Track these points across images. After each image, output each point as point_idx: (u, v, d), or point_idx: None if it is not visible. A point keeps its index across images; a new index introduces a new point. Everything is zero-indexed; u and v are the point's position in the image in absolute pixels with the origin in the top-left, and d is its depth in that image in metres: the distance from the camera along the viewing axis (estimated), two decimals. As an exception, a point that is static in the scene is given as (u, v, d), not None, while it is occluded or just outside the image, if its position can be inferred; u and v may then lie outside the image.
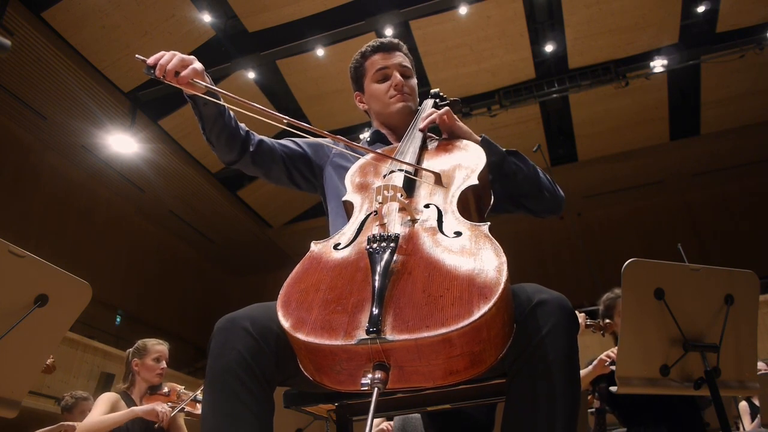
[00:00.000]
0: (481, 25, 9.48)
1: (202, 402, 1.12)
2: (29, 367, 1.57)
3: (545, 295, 1.10)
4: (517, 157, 1.56)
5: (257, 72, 10.13)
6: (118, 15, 8.76)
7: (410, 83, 1.77)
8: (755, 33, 9.49)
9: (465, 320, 0.91)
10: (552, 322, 1.06)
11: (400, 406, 1.35)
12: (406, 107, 1.72)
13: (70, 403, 4.08)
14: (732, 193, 13.33)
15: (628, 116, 11.31)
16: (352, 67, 1.86)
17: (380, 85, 1.75)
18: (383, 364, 0.92)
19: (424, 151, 1.54)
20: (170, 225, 13.64)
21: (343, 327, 0.96)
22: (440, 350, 0.92)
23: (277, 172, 1.68)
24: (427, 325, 0.92)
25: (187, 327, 13.62)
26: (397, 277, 1.03)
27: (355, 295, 1.02)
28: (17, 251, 1.47)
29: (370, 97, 1.78)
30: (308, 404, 1.32)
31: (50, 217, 10.71)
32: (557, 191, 1.61)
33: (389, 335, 0.92)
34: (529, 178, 1.54)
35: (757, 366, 1.93)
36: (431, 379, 0.96)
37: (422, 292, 0.98)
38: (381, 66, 1.75)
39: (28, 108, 9.72)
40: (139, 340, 3.30)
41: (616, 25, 9.55)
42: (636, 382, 1.76)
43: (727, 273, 1.86)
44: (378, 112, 1.78)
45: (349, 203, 1.38)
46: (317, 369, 1.01)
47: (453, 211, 1.22)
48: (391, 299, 0.98)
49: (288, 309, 1.03)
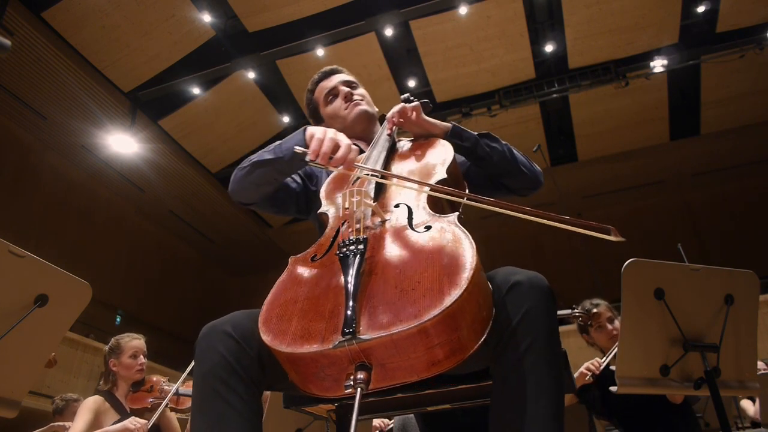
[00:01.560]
0: (481, 25, 9.48)
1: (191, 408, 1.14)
2: (29, 367, 1.57)
3: (519, 276, 1.11)
4: (490, 139, 1.58)
5: (257, 72, 10.13)
6: (118, 15, 8.76)
7: (359, 91, 1.84)
8: (755, 33, 9.49)
9: (437, 309, 0.92)
10: (529, 302, 1.07)
11: (400, 406, 1.35)
12: (362, 111, 1.78)
13: (61, 406, 4.06)
14: (732, 193, 13.33)
15: (628, 116, 11.31)
16: (307, 108, 1.95)
17: (333, 104, 1.83)
18: (365, 365, 0.93)
19: (394, 153, 1.57)
20: (170, 225, 13.64)
21: (321, 333, 0.98)
22: (418, 342, 0.93)
23: (288, 206, 1.70)
24: (400, 319, 0.93)
25: (187, 327, 13.60)
26: (369, 277, 1.05)
27: (331, 301, 1.04)
28: (17, 251, 1.47)
29: (330, 120, 1.84)
30: (308, 404, 1.32)
31: (50, 217, 10.71)
32: (534, 167, 1.62)
33: (365, 335, 0.93)
34: (504, 157, 1.57)
35: (757, 366, 1.93)
36: (415, 372, 0.97)
37: (394, 289, 1.00)
38: (327, 89, 1.85)
39: (28, 108, 9.72)
40: (113, 339, 3.18)
41: (616, 25, 9.55)
42: (636, 382, 1.76)
43: (727, 273, 1.86)
44: (342, 128, 1.82)
45: (324, 215, 1.40)
46: (303, 379, 1.03)
47: (424, 207, 1.24)
48: (364, 299, 1.00)
49: (269, 325, 1.05)
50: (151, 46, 9.36)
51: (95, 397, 3.04)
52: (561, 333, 1.14)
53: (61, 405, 4.07)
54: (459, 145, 1.55)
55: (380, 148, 1.55)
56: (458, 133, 1.56)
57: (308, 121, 1.93)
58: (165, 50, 9.51)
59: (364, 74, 10.06)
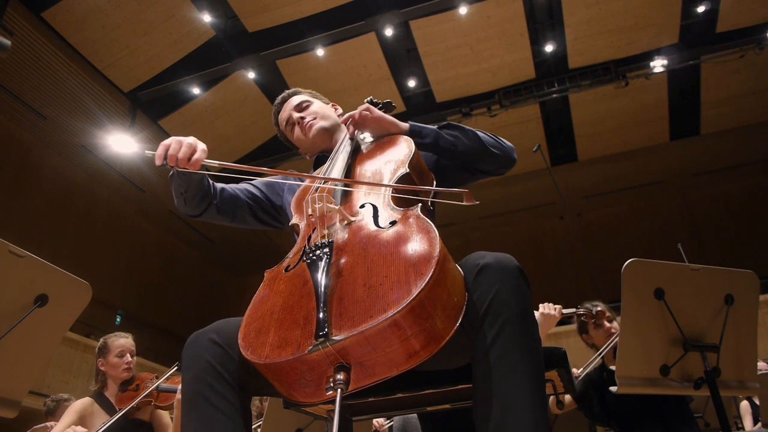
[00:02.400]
0: (481, 25, 9.48)
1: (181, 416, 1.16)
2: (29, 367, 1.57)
3: (488, 258, 1.11)
4: (451, 128, 1.58)
5: (257, 72, 10.13)
6: (118, 15, 8.76)
7: (310, 110, 1.87)
8: (755, 33, 9.49)
9: (405, 300, 0.93)
10: (498, 283, 1.07)
11: (400, 406, 1.35)
12: (317, 129, 1.81)
13: (52, 407, 4.05)
14: (732, 193, 13.32)
15: (628, 116, 11.31)
16: (280, 139, 2.00)
17: (294, 133, 1.88)
18: (343, 365, 0.94)
19: (357, 155, 1.58)
20: (170, 225, 13.64)
21: (297, 340, 0.99)
22: (391, 335, 0.94)
23: (243, 216, 1.75)
24: (370, 315, 0.94)
25: (187, 327, 13.49)
26: (337, 278, 1.06)
27: (304, 308, 1.05)
28: (17, 251, 1.47)
29: (299, 147, 1.91)
30: (308, 404, 1.32)
31: (50, 217, 10.71)
32: (503, 144, 1.61)
33: (337, 335, 0.94)
34: (470, 144, 1.56)
35: (757, 366, 1.93)
36: (394, 366, 0.97)
37: (363, 287, 1.00)
38: (284, 120, 1.91)
39: (28, 108, 9.71)
40: (101, 338, 3.16)
41: (616, 25, 9.55)
42: (636, 382, 1.76)
43: (727, 273, 1.86)
44: (309, 150, 1.89)
45: (296, 226, 1.41)
46: (287, 387, 1.04)
47: (389, 204, 1.25)
48: (334, 301, 1.01)
49: (247, 340, 1.07)
50: (151, 46, 9.36)
51: (83, 400, 3.03)
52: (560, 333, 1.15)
53: (52, 406, 4.06)
54: (420, 143, 1.55)
55: (343, 153, 1.57)
56: (417, 131, 1.57)
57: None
58: (165, 50, 9.51)
59: (364, 74, 10.08)
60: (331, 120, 1.86)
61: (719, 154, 12.38)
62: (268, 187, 1.80)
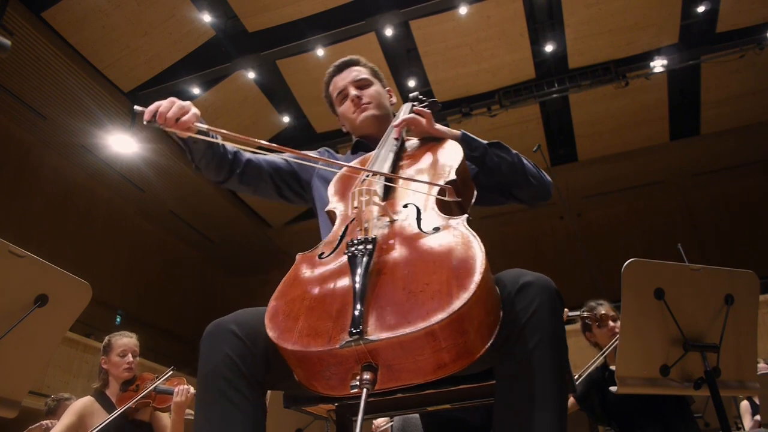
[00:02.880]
0: (481, 25, 9.47)
1: (195, 407, 1.14)
2: (29, 367, 1.57)
3: (529, 277, 1.11)
4: (499, 149, 1.56)
5: (257, 72, 10.13)
6: (118, 15, 8.75)
7: (368, 92, 1.81)
8: (755, 33, 9.48)
9: (445, 312, 0.92)
10: (537, 303, 1.07)
11: (400, 406, 1.35)
12: (368, 117, 1.77)
13: (53, 406, 4.04)
14: (732, 193, 13.32)
15: (628, 116, 11.30)
16: (324, 98, 1.95)
17: (343, 106, 1.83)
18: (371, 365, 0.93)
19: (402, 152, 1.56)
20: (170, 225, 13.64)
21: (328, 332, 0.97)
22: (425, 345, 0.93)
23: (266, 188, 1.74)
24: (408, 321, 0.93)
25: (187, 327, 13.61)
26: (378, 277, 1.04)
27: (338, 300, 1.03)
28: (17, 251, 1.47)
29: (341, 119, 1.88)
30: (308, 404, 1.32)
31: (50, 217, 10.71)
32: (544, 177, 1.60)
33: (372, 335, 0.93)
34: (513, 168, 1.55)
35: (757, 366, 1.93)
36: (421, 374, 0.97)
37: (402, 290, 0.99)
38: (339, 89, 1.84)
39: (28, 108, 9.71)
40: (107, 336, 3.17)
41: (616, 25, 9.54)
42: (636, 382, 1.76)
43: (727, 273, 1.86)
44: (351, 130, 1.86)
45: (332, 212, 1.40)
46: (309, 377, 1.03)
47: (432, 208, 1.24)
48: (372, 300, 0.99)
49: (275, 321, 1.05)
50: (151, 46, 9.36)
51: (84, 399, 3.03)
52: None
53: (53, 405, 4.05)
54: (468, 154, 1.52)
55: (390, 147, 1.54)
56: (468, 141, 1.54)
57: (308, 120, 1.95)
58: (165, 50, 9.51)
59: (364, 74, 10.06)
60: (385, 110, 1.82)
61: (719, 154, 12.37)
62: (299, 163, 1.76)
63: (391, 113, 1.84)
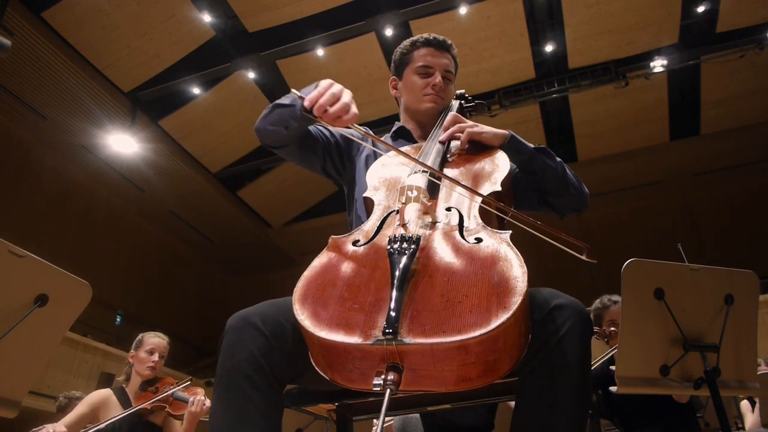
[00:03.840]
0: (481, 25, 9.47)
1: (212, 400, 1.13)
2: (29, 367, 1.57)
3: (562, 299, 1.11)
4: (546, 155, 1.55)
5: (257, 72, 10.12)
6: (118, 15, 8.75)
7: (449, 88, 1.79)
8: (755, 33, 9.48)
9: (482, 329, 0.91)
10: (568, 326, 1.07)
11: (400, 406, 1.35)
12: (435, 109, 1.73)
13: (64, 404, 4.07)
14: (732, 193, 13.31)
15: (628, 116, 11.30)
16: (398, 52, 1.83)
17: (420, 79, 1.75)
18: (397, 366, 0.92)
19: (448, 152, 1.53)
20: (170, 225, 13.63)
21: (360, 326, 0.96)
22: (455, 357, 0.92)
23: (313, 161, 1.68)
24: (444, 330, 0.91)
25: (187, 327, 13.61)
26: (417, 279, 1.02)
27: (372, 294, 1.01)
28: (17, 251, 1.47)
29: (405, 87, 1.78)
30: (308, 404, 1.32)
31: (50, 217, 10.71)
32: (582, 188, 1.60)
33: (406, 338, 0.91)
34: (557, 175, 1.54)
35: (757, 366, 1.93)
36: (443, 384, 0.96)
37: (440, 297, 0.97)
38: (427, 62, 1.75)
39: (28, 108, 9.71)
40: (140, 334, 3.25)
41: (616, 25, 9.54)
42: (636, 382, 1.76)
43: (727, 273, 1.85)
44: (407, 105, 1.79)
45: (370, 200, 1.37)
46: (330, 366, 1.01)
47: (475, 216, 1.22)
48: (409, 302, 0.97)
49: (304, 303, 1.03)
50: (151, 46, 9.35)
51: (102, 391, 3.10)
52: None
53: (64, 403, 4.08)
54: (515, 158, 1.51)
55: (437, 146, 1.51)
56: (516, 145, 1.51)
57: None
58: (165, 50, 9.50)
59: (364, 74, 10.07)
60: (446, 104, 1.78)
61: (719, 154, 12.37)
62: (346, 139, 1.71)
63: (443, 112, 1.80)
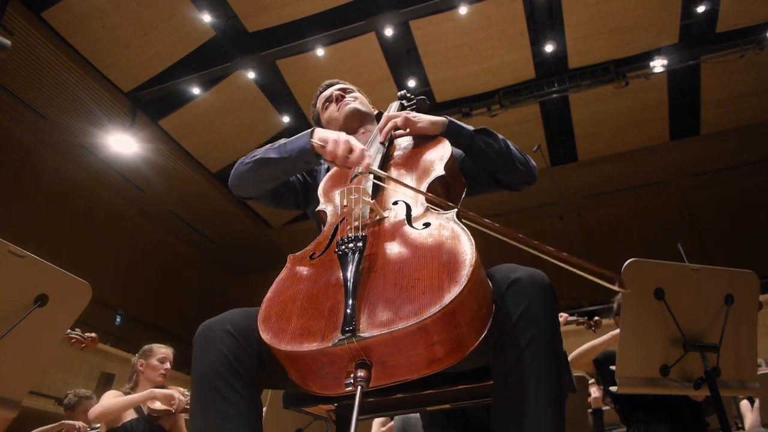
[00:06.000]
0: (481, 25, 9.48)
1: (190, 405, 1.13)
2: (29, 367, 1.57)
3: (519, 272, 1.10)
4: (486, 135, 1.57)
5: (257, 72, 10.13)
6: (118, 15, 8.75)
7: (351, 95, 1.89)
8: (755, 33, 9.49)
9: (437, 306, 0.92)
10: (529, 299, 1.06)
11: (400, 406, 1.35)
12: (351, 110, 1.81)
13: (73, 402, 4.09)
14: (732, 193, 13.32)
15: (628, 116, 11.31)
16: (313, 120, 2.00)
17: (328, 109, 1.89)
18: (365, 362, 0.93)
19: (390, 149, 1.57)
20: (170, 225, 13.64)
21: (321, 331, 0.97)
22: (418, 340, 0.93)
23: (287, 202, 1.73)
24: (400, 317, 0.93)
25: (187, 327, 13.56)
26: (368, 274, 1.04)
27: (330, 299, 1.03)
28: (17, 251, 1.47)
29: (327, 124, 1.89)
30: (308, 404, 1.32)
31: (50, 217, 10.71)
32: (529, 162, 1.61)
33: (364, 332, 0.93)
34: (500, 153, 1.55)
35: (757, 366, 1.93)
36: (415, 370, 0.97)
37: (394, 287, 0.99)
38: (325, 98, 1.92)
39: (28, 108, 9.72)
40: (146, 345, 3.43)
41: (616, 25, 9.55)
42: (636, 382, 1.76)
43: (727, 273, 1.86)
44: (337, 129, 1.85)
45: (322, 212, 1.40)
46: (303, 377, 1.03)
47: (422, 203, 1.24)
48: (363, 297, 0.99)
49: (268, 323, 1.05)
50: (151, 46, 9.36)
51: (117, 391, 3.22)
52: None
53: (73, 400, 4.10)
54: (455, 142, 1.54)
55: (376, 147, 1.55)
56: (455, 130, 1.55)
57: (308, 120, 1.95)
58: (165, 50, 9.51)
59: (364, 74, 10.07)
60: (367, 108, 1.87)
61: (719, 154, 12.37)
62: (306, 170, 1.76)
63: (373, 115, 1.88)
